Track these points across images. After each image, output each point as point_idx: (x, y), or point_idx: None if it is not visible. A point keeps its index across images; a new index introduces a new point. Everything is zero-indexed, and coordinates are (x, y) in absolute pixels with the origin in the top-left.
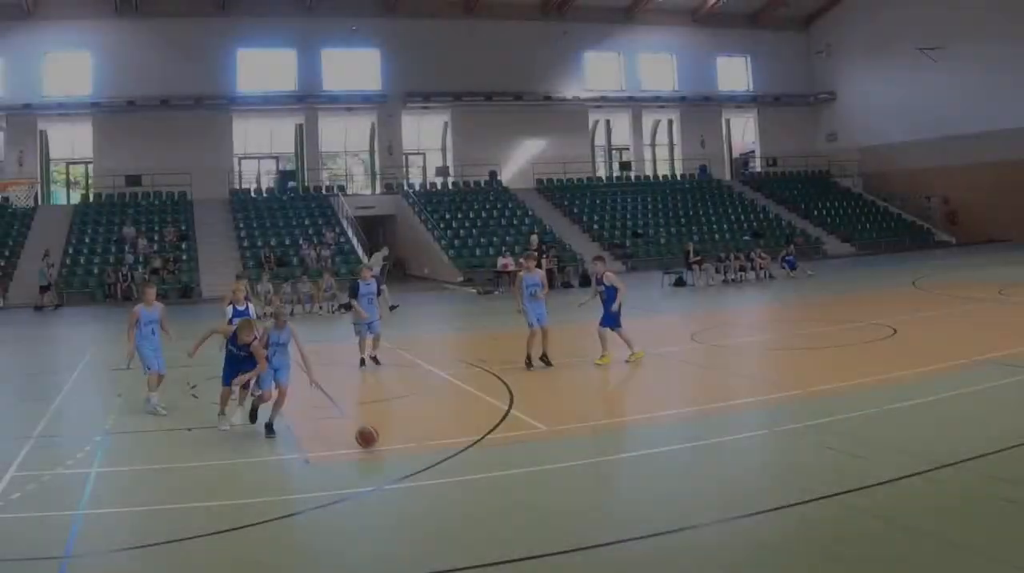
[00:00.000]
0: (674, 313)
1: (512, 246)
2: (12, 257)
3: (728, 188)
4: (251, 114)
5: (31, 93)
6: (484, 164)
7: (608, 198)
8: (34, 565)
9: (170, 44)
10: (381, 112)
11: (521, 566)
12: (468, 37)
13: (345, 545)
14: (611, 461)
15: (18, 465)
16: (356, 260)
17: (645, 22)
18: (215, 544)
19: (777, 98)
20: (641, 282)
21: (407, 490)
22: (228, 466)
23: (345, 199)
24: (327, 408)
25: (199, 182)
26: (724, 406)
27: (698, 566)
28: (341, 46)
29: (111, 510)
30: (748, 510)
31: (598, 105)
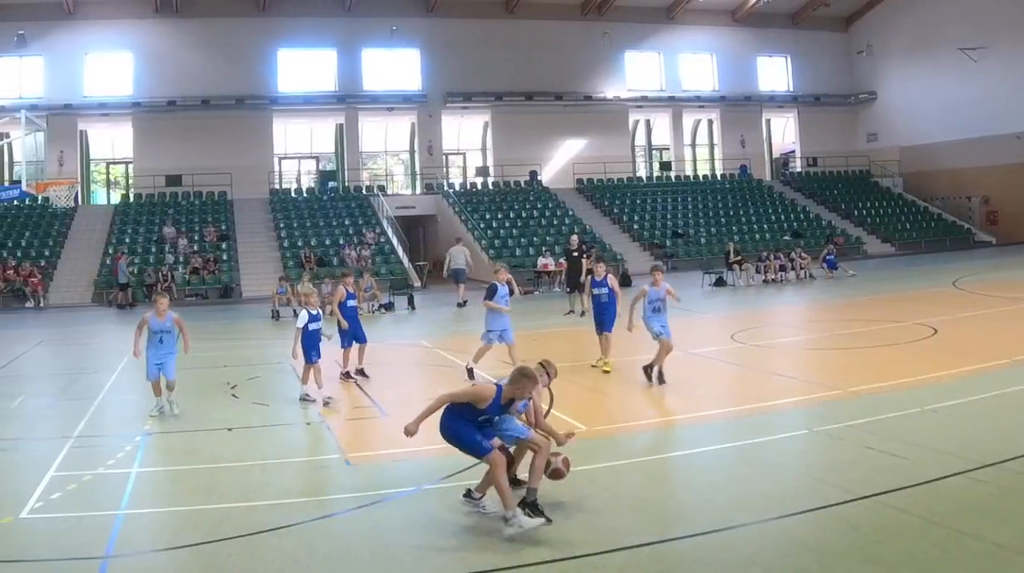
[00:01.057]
0: (714, 313)
1: (552, 246)
2: (52, 257)
3: (768, 188)
4: (291, 114)
5: (71, 93)
6: (524, 164)
7: (648, 198)
8: (75, 565)
9: (210, 44)
10: (421, 112)
11: (562, 566)
12: (508, 37)
13: (385, 545)
14: (651, 461)
15: (58, 465)
16: (396, 260)
17: (685, 22)
18: (255, 544)
19: (817, 98)
20: (681, 282)
21: (448, 490)
22: (268, 466)
23: (385, 199)
24: (368, 408)
25: (239, 182)
26: (764, 406)
27: (739, 566)
28: (381, 46)
29: (151, 510)
30: (788, 510)
31: (638, 105)
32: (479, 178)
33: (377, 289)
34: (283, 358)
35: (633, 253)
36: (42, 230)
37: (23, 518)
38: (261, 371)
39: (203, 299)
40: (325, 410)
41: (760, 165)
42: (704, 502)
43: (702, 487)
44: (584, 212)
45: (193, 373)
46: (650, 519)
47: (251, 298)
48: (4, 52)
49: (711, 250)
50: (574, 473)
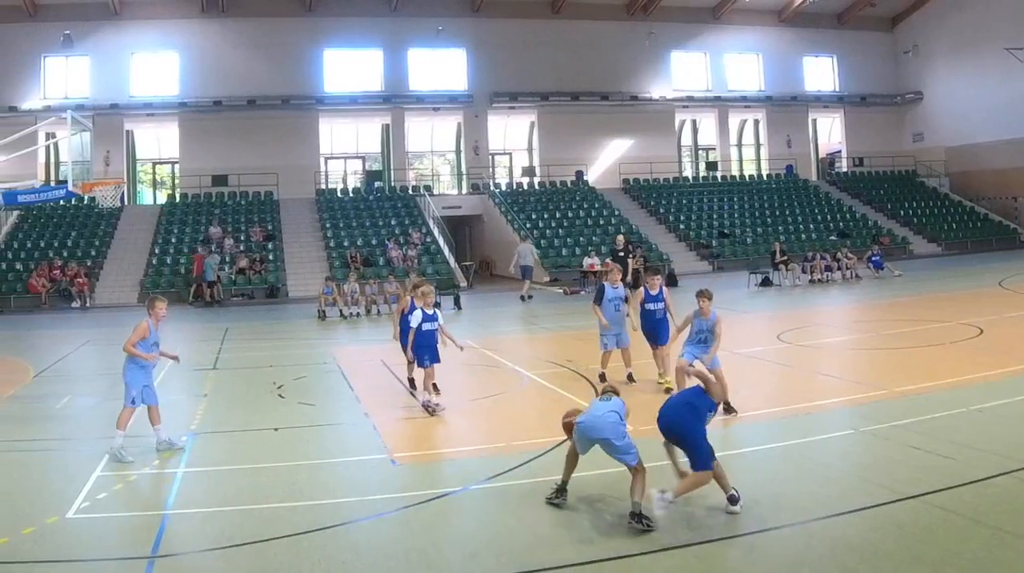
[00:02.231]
0: (760, 313)
1: (598, 246)
2: (99, 257)
3: (815, 188)
4: (337, 114)
5: (118, 93)
6: (570, 164)
7: (694, 198)
8: (121, 565)
9: (256, 44)
10: (467, 112)
11: (608, 566)
12: (554, 37)
13: (432, 545)
14: None
15: (104, 465)
16: (442, 260)
17: (731, 22)
18: (301, 544)
19: (863, 98)
20: (728, 282)
21: (495, 490)
22: (314, 466)
23: (431, 199)
24: (413, 408)
25: (286, 182)
26: (810, 406)
27: (784, 567)
28: (427, 46)
29: (197, 510)
30: (834, 510)
31: (684, 105)
32: (525, 178)
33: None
34: (330, 358)
35: (679, 253)
36: (88, 230)
37: (69, 518)
38: (308, 371)
39: (249, 299)
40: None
41: (806, 165)
42: (750, 502)
43: (747, 487)
44: (630, 212)
45: (239, 373)
46: (695, 519)
47: (297, 298)
48: (51, 52)
49: (757, 250)
50: (620, 473)
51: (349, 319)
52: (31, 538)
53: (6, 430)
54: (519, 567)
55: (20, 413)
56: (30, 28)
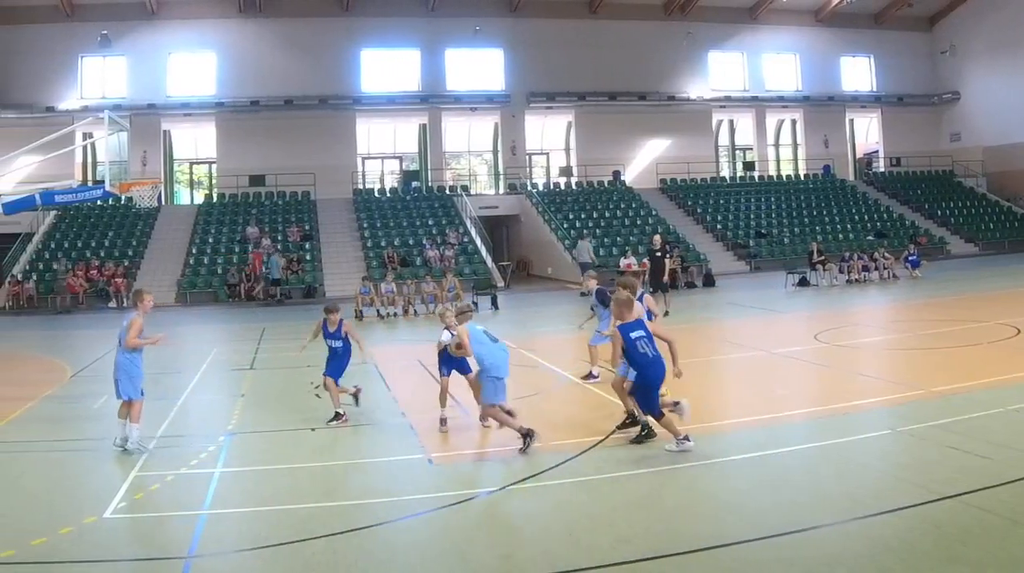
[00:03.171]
0: (798, 313)
1: (635, 246)
2: (136, 257)
3: (852, 188)
4: (375, 114)
5: (155, 93)
6: (608, 164)
7: (732, 198)
8: (158, 565)
9: (294, 44)
10: (504, 112)
11: (645, 566)
12: (591, 37)
13: (469, 545)
14: (733, 461)
15: (142, 465)
16: (480, 260)
17: (768, 22)
18: (338, 544)
19: (901, 98)
20: (765, 282)
21: (531, 490)
22: (351, 466)
23: (468, 199)
24: (450, 407)
25: (323, 182)
26: (847, 406)
27: (822, 566)
28: (465, 46)
29: (234, 510)
30: (871, 510)
31: (722, 105)
32: (562, 178)
33: (460, 289)
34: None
35: (717, 253)
36: (125, 230)
37: (107, 518)
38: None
39: (287, 299)
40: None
41: (843, 165)
42: (788, 502)
43: (785, 487)
44: (667, 212)
45: (276, 373)
46: (733, 519)
47: (334, 298)
48: (88, 52)
49: (794, 250)
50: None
51: (386, 319)
52: (68, 538)
53: (44, 430)
54: (555, 567)
55: (57, 413)
56: (67, 28)
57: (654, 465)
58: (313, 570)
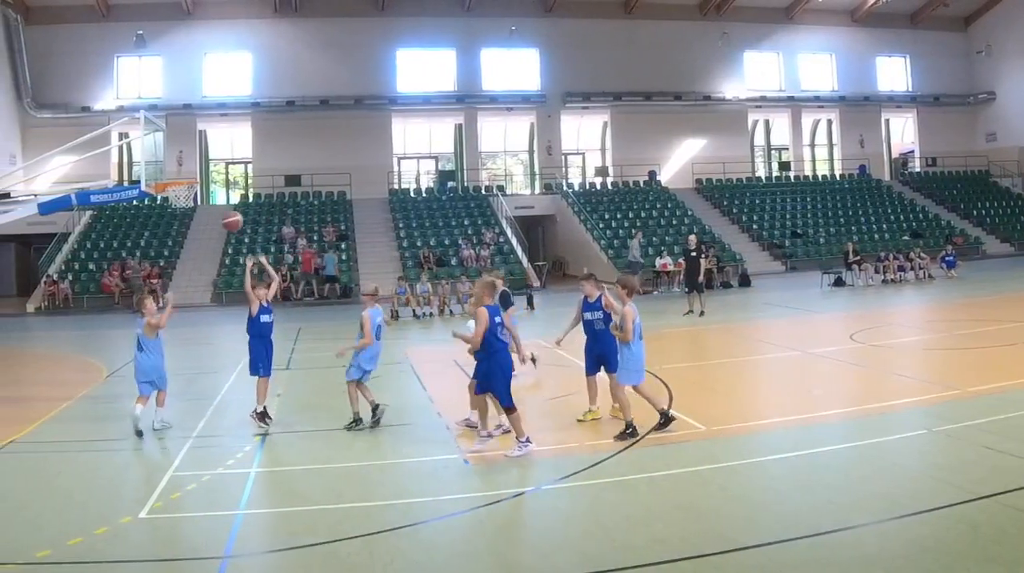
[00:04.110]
0: (833, 313)
1: (671, 246)
2: (171, 257)
3: (887, 188)
4: (410, 114)
5: (191, 93)
6: (643, 164)
7: (767, 198)
8: (194, 565)
9: (329, 44)
10: (540, 112)
11: (681, 566)
12: (627, 37)
13: (504, 545)
14: (770, 461)
15: (177, 465)
16: (515, 260)
17: (804, 22)
18: (374, 544)
19: (936, 98)
20: (801, 282)
21: (566, 490)
22: (387, 466)
23: (504, 199)
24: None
25: (358, 182)
26: (883, 406)
27: (858, 566)
28: (500, 46)
29: (270, 510)
30: (907, 511)
31: (757, 105)
32: (598, 178)
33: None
34: (403, 358)
35: (752, 253)
36: (161, 230)
37: (143, 518)
38: (380, 371)
39: (322, 299)
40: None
41: (879, 165)
42: (823, 502)
43: (821, 488)
44: (703, 212)
45: (312, 373)
46: (769, 519)
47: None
48: (124, 52)
49: (830, 250)
50: (693, 473)
51: (422, 319)
52: (104, 538)
53: (80, 430)
54: (592, 567)
55: (93, 413)
56: (103, 28)
57: (690, 465)
58: (349, 570)
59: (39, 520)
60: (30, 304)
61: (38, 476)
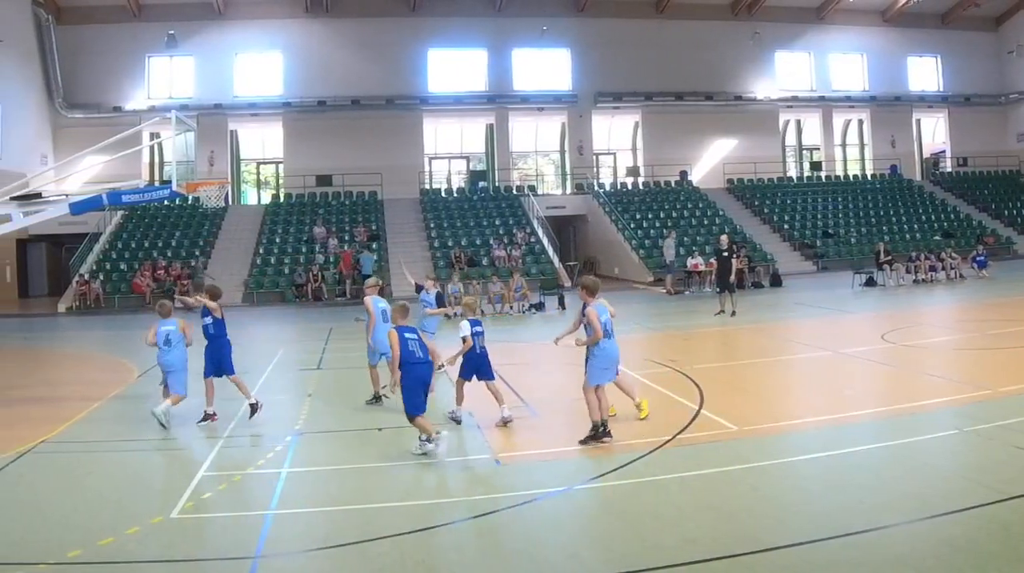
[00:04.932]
0: (865, 313)
1: (702, 246)
2: (203, 257)
3: (919, 188)
4: (441, 114)
5: (222, 93)
6: (674, 164)
7: (799, 198)
8: (225, 565)
9: (361, 44)
10: (572, 112)
11: (712, 566)
12: (658, 37)
13: (536, 545)
14: (801, 461)
15: (209, 465)
16: (547, 260)
17: (835, 22)
18: (404, 544)
19: (967, 98)
20: (832, 282)
21: (598, 490)
22: (418, 466)
23: (535, 199)
24: (517, 407)
25: (390, 182)
26: (914, 406)
27: (889, 567)
28: (532, 46)
29: (301, 510)
30: (938, 511)
31: (789, 105)
32: (629, 178)
33: (527, 289)
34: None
35: (784, 253)
36: (192, 230)
37: (173, 518)
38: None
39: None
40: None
41: (910, 165)
42: (855, 503)
43: (852, 488)
44: (734, 212)
45: (343, 373)
46: (800, 520)
47: (401, 298)
48: (155, 52)
49: (861, 250)
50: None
51: (453, 319)
52: (136, 538)
53: (111, 430)
54: (623, 567)
55: (124, 413)
56: (134, 28)
57: (721, 465)
58: (380, 570)
59: (70, 520)
60: (61, 304)
61: (69, 476)
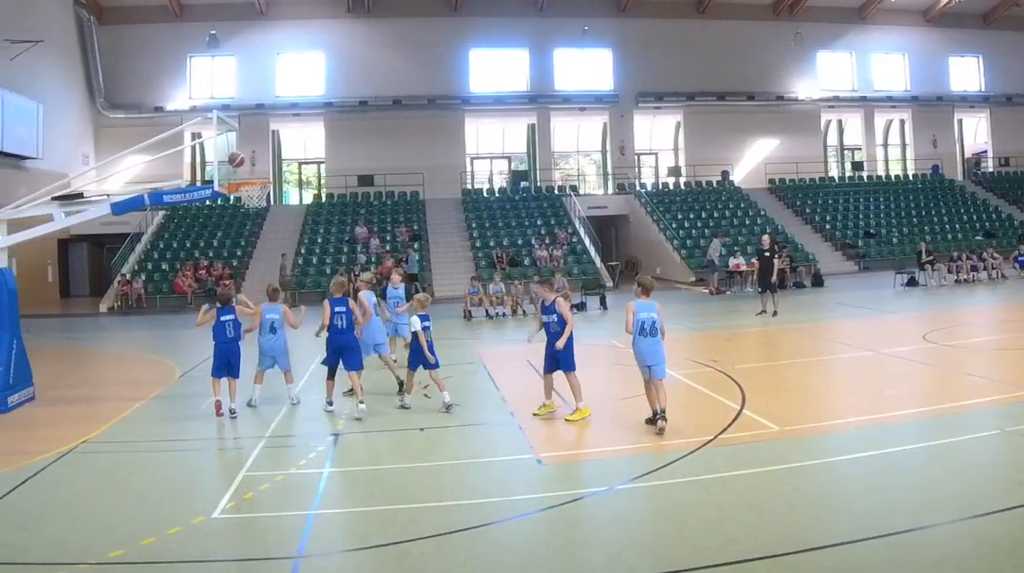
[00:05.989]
0: (906, 313)
1: (744, 246)
2: (244, 257)
3: (960, 188)
4: (483, 114)
5: (263, 93)
6: (716, 164)
7: (840, 198)
8: (267, 565)
9: (402, 44)
10: (613, 112)
11: (754, 566)
12: (700, 37)
13: (577, 545)
14: (842, 462)
15: (250, 465)
16: (588, 260)
17: (877, 22)
18: (447, 544)
19: (1010, 98)
20: (873, 282)
21: (640, 490)
22: (460, 466)
23: (577, 199)
24: (562, 408)
25: (431, 182)
26: (955, 406)
27: (931, 567)
28: (573, 46)
29: (343, 510)
30: (980, 511)
31: (830, 105)
32: (671, 178)
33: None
34: (476, 359)
35: (825, 253)
36: (234, 230)
37: (215, 518)
38: (454, 371)
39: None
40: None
41: (952, 165)
42: (896, 503)
43: (893, 488)
44: (776, 212)
45: (385, 373)
46: (840, 520)
47: (443, 298)
48: (197, 52)
49: (903, 250)
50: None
51: (495, 319)
52: (177, 538)
53: (152, 430)
54: (665, 567)
55: (166, 413)
56: (176, 28)
57: (763, 465)
58: (422, 570)
59: (112, 520)
60: (103, 304)
61: (110, 476)
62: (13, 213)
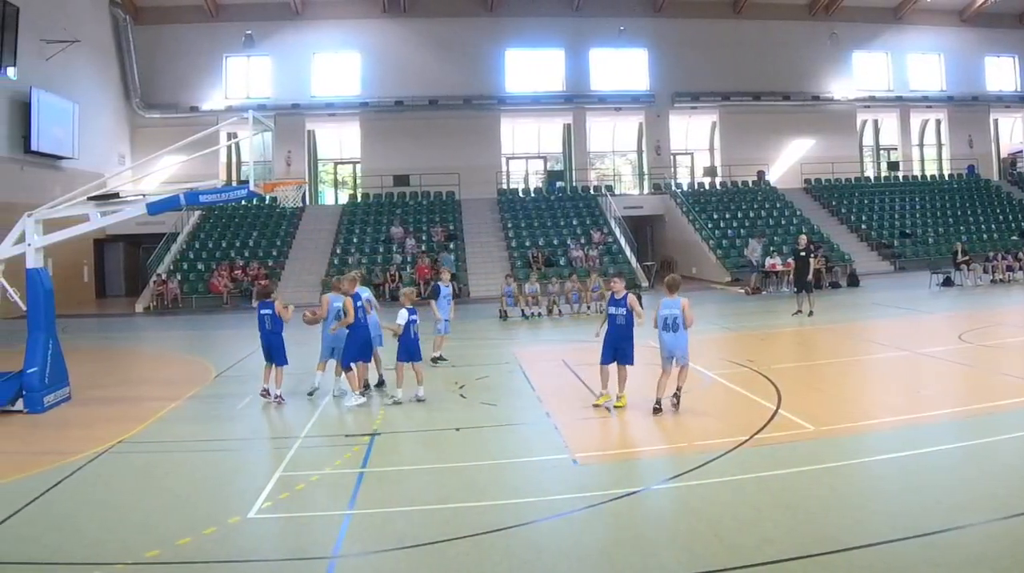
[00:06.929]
0: (942, 313)
1: (780, 246)
2: (280, 257)
3: (996, 188)
4: (519, 114)
5: (299, 93)
6: (752, 164)
7: (876, 198)
8: (302, 565)
9: (438, 44)
10: (649, 112)
11: (789, 566)
12: (735, 37)
13: (613, 546)
14: (878, 462)
15: (286, 465)
16: (624, 260)
17: (913, 22)
18: (483, 544)
19: None
20: (909, 282)
21: (676, 490)
22: (496, 466)
23: (613, 199)
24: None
25: (467, 182)
26: (991, 406)
27: (966, 566)
28: (609, 46)
29: (379, 510)
30: (1016, 511)
31: (866, 105)
32: (707, 178)
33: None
34: (511, 358)
35: (861, 253)
36: (270, 230)
37: (251, 518)
38: (490, 371)
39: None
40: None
41: (988, 165)
42: (932, 503)
43: (929, 488)
44: (812, 212)
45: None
46: (876, 520)
47: (479, 297)
48: (233, 52)
49: (939, 250)
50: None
51: (530, 319)
52: (213, 538)
53: (188, 430)
54: (700, 567)
55: (202, 413)
56: (212, 29)
57: (799, 465)
58: (458, 570)
59: (148, 520)
60: (139, 304)
61: (146, 476)
62: (49, 213)
